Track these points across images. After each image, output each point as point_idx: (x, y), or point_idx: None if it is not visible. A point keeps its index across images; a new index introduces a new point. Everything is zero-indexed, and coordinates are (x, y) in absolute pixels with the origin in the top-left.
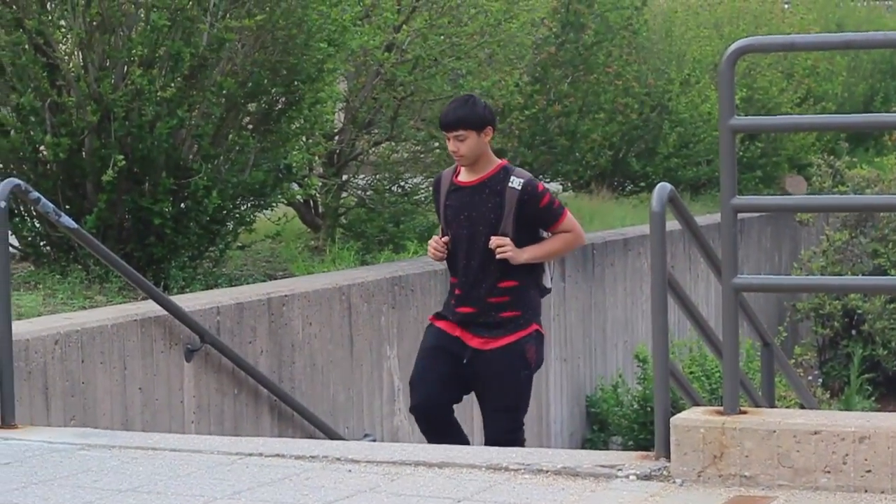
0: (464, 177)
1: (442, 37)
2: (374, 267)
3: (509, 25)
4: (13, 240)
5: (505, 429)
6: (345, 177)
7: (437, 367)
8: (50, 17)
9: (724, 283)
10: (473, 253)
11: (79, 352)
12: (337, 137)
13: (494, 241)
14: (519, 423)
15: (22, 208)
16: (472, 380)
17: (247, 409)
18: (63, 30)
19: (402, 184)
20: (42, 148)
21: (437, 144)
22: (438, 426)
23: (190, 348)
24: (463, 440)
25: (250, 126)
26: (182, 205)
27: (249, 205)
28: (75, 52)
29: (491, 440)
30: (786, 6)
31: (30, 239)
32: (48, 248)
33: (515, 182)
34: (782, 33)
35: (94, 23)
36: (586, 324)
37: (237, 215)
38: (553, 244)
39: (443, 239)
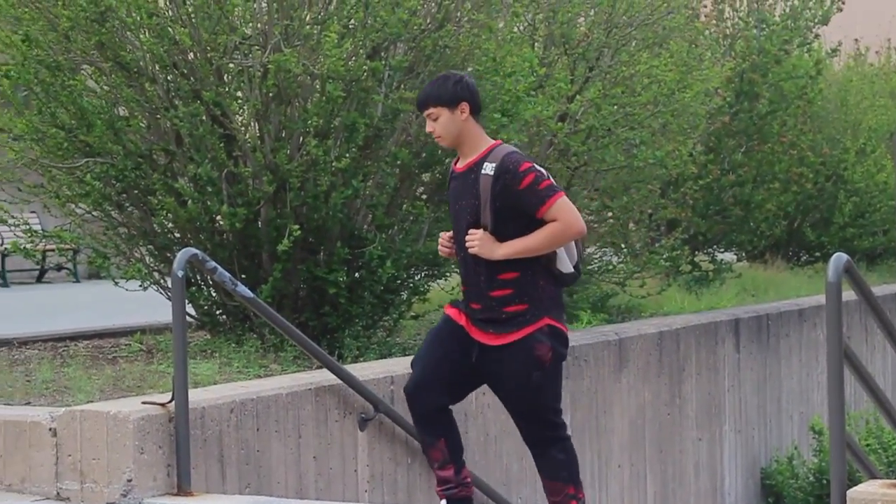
0: (459, 163)
1: (615, 106)
2: None
3: (683, 95)
4: (190, 309)
5: (536, 437)
6: None
7: (434, 352)
8: (227, 89)
9: None
10: (464, 244)
11: (254, 420)
12: None
13: (468, 235)
14: (552, 423)
15: (199, 277)
16: (484, 375)
17: (420, 479)
18: (240, 101)
19: None
20: (219, 218)
21: (609, 214)
22: (425, 411)
23: (364, 417)
24: (452, 433)
25: (424, 196)
26: (356, 274)
27: (423, 274)
28: (252, 123)
29: (530, 446)
30: None
31: (206, 308)
32: (224, 316)
33: (488, 167)
34: None
35: (271, 94)
36: (761, 395)
37: (411, 285)
38: (535, 237)
39: (449, 233)
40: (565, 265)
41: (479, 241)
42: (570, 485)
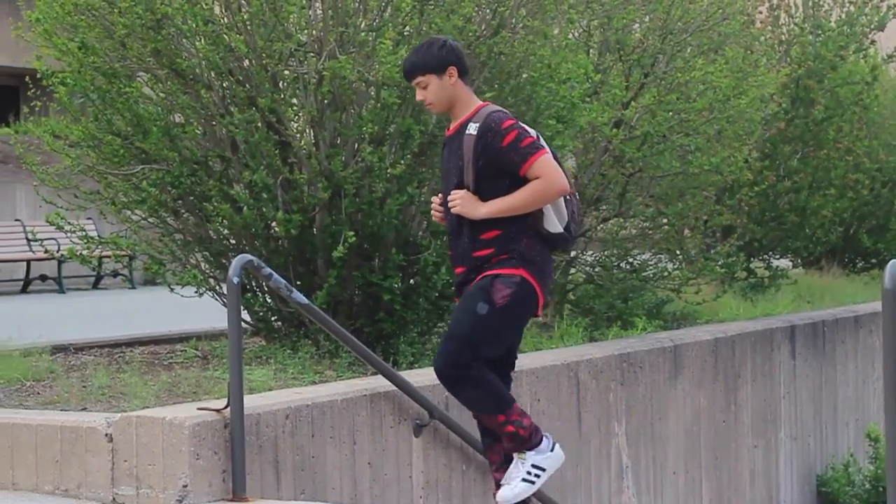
0: (450, 128)
1: (671, 113)
2: (602, 343)
3: (738, 101)
4: (246, 315)
5: (447, 360)
6: (573, 253)
7: None
8: (282, 96)
9: None
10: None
11: (309, 426)
12: None
13: (451, 195)
14: (465, 360)
15: (254, 284)
16: None
17: (475, 485)
18: (295, 108)
19: (631, 260)
20: (274, 224)
21: (665, 221)
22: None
23: (419, 423)
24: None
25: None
26: (411, 281)
27: None
28: (307, 130)
29: (442, 381)
30: None
31: (261, 314)
32: (279, 323)
33: (472, 128)
34: None
35: (326, 101)
36: (817, 402)
37: None
38: (518, 195)
39: (438, 197)
40: (553, 225)
41: (461, 201)
42: (497, 413)
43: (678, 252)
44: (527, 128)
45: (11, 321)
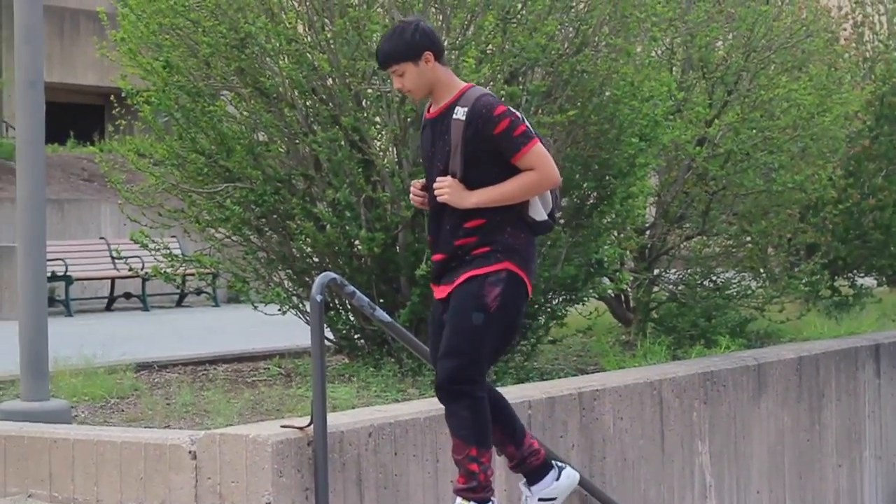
0: (432, 108)
1: (754, 130)
2: (685, 362)
3: (822, 119)
4: (329, 333)
5: (448, 377)
6: (656, 271)
7: (435, 341)
8: (365, 115)
9: None
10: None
11: (392, 444)
12: (648, 232)
13: (436, 182)
14: (468, 375)
15: (337, 302)
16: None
17: None
18: (378, 126)
19: (714, 278)
20: (357, 242)
21: (748, 239)
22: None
23: None
24: (500, 415)
25: (562, 221)
26: None
27: (561, 299)
28: (390, 149)
29: (438, 393)
30: None
31: (344, 332)
32: (362, 341)
33: (460, 112)
34: None
35: (409, 119)
36: None
37: (549, 309)
38: (509, 186)
39: (421, 181)
40: (538, 213)
41: (448, 189)
42: (472, 445)
43: (762, 270)
44: (518, 114)
45: (96, 339)
